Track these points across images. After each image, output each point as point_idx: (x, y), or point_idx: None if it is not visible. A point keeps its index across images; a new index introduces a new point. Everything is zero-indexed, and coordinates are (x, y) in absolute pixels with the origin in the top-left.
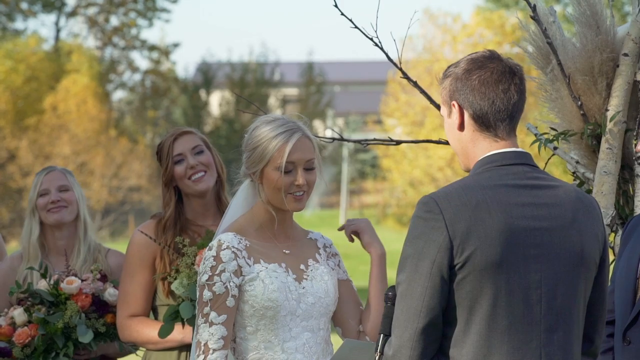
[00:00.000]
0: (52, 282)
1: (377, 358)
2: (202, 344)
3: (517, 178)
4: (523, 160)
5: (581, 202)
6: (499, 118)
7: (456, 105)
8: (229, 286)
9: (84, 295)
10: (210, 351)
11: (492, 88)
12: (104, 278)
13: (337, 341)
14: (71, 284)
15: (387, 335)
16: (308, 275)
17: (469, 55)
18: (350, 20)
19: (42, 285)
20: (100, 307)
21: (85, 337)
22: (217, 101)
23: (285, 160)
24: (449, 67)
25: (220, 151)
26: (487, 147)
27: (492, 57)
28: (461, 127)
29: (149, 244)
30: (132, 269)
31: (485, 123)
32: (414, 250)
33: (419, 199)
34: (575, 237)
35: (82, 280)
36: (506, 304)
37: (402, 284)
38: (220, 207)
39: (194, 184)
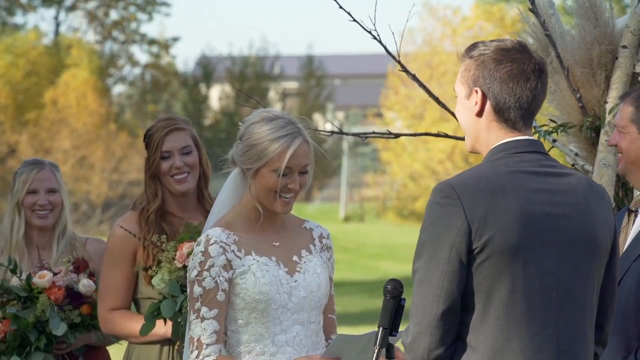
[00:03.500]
0: (23, 277)
1: (375, 351)
2: (195, 340)
3: (531, 165)
4: (536, 148)
5: (592, 189)
6: (520, 114)
7: (479, 92)
8: (218, 281)
9: (56, 288)
10: (204, 346)
11: (520, 84)
12: (77, 269)
13: None
14: (43, 278)
15: (386, 329)
16: (301, 268)
17: (497, 42)
18: (349, 14)
19: (15, 281)
20: (75, 299)
21: (59, 329)
22: (217, 95)
23: (284, 165)
24: (475, 45)
25: (220, 145)
26: (502, 136)
27: (522, 51)
28: (480, 114)
29: (130, 236)
30: (113, 262)
31: (505, 116)
32: (432, 235)
33: (434, 186)
34: (588, 224)
35: (56, 274)
36: (524, 290)
37: (420, 270)
38: (201, 201)
39: (176, 183)
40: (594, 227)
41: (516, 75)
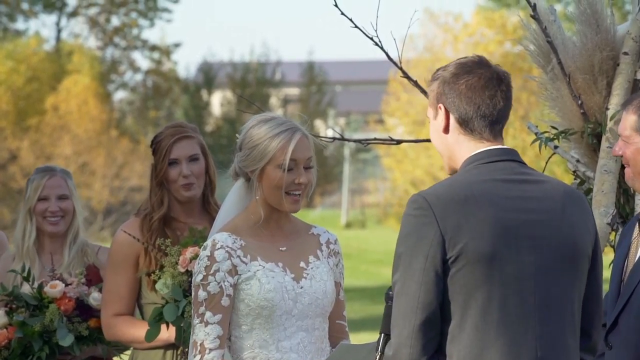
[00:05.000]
0: (35, 286)
1: (377, 358)
2: (199, 344)
3: (504, 173)
4: (510, 156)
5: (570, 196)
6: (483, 123)
7: (442, 108)
8: (223, 285)
9: (67, 299)
10: (207, 351)
11: (478, 93)
12: (89, 282)
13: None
14: (54, 288)
15: (388, 335)
16: (308, 274)
17: (458, 59)
18: (350, 20)
19: (26, 288)
20: (84, 312)
21: (66, 340)
22: (218, 101)
23: (289, 158)
24: (438, 69)
25: (222, 151)
26: (472, 147)
27: (480, 63)
28: (446, 129)
29: (132, 242)
30: (116, 268)
31: (470, 127)
32: (407, 248)
33: (409, 198)
34: (566, 229)
35: (68, 285)
36: (500, 296)
37: (397, 283)
38: (206, 207)
39: (183, 189)
40: (573, 232)
41: (473, 85)
